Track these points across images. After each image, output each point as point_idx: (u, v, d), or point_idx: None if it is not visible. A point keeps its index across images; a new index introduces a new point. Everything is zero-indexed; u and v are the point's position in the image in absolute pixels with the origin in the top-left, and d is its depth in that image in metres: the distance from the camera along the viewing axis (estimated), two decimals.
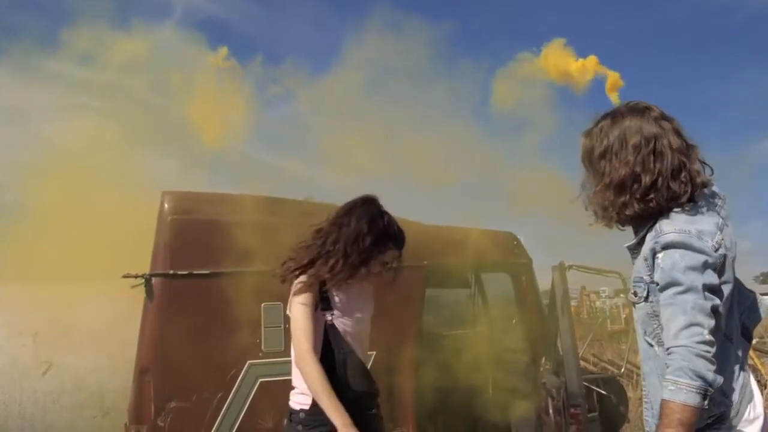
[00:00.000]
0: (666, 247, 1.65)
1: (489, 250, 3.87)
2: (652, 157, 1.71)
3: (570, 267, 3.75)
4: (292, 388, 2.45)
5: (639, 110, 1.79)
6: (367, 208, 2.43)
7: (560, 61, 2.49)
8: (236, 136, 3.95)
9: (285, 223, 3.59)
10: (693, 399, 1.50)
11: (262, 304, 3.49)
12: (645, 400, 1.77)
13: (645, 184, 1.70)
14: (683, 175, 1.72)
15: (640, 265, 1.75)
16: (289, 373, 3.51)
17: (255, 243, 3.46)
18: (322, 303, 2.37)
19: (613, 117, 1.79)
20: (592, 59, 2.49)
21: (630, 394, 5.99)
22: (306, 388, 2.34)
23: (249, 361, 3.42)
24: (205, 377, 3.34)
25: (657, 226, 1.72)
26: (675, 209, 1.72)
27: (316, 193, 3.85)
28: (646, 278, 1.72)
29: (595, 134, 1.80)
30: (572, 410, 3.48)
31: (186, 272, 3.36)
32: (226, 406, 3.35)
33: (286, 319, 3.54)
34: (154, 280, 3.34)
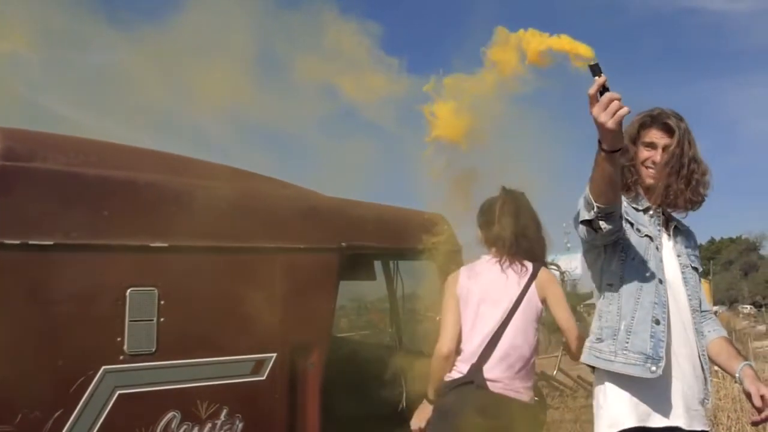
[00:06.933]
0: None
1: (414, 233, 3.30)
2: None
3: None
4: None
5: None
6: None
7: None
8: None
9: (161, 182, 2.78)
10: None
11: (128, 290, 2.61)
12: (702, 352, 2.20)
13: None
14: None
15: (692, 243, 2.27)
16: (160, 382, 2.70)
17: (121, 206, 2.60)
18: None
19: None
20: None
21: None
22: None
23: (104, 367, 2.53)
24: (37, 390, 2.39)
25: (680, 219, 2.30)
26: None
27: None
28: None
29: (690, 136, 2.15)
30: None
31: (18, 242, 2.41)
32: (67, 428, 2.44)
33: (161, 311, 2.72)
34: None
